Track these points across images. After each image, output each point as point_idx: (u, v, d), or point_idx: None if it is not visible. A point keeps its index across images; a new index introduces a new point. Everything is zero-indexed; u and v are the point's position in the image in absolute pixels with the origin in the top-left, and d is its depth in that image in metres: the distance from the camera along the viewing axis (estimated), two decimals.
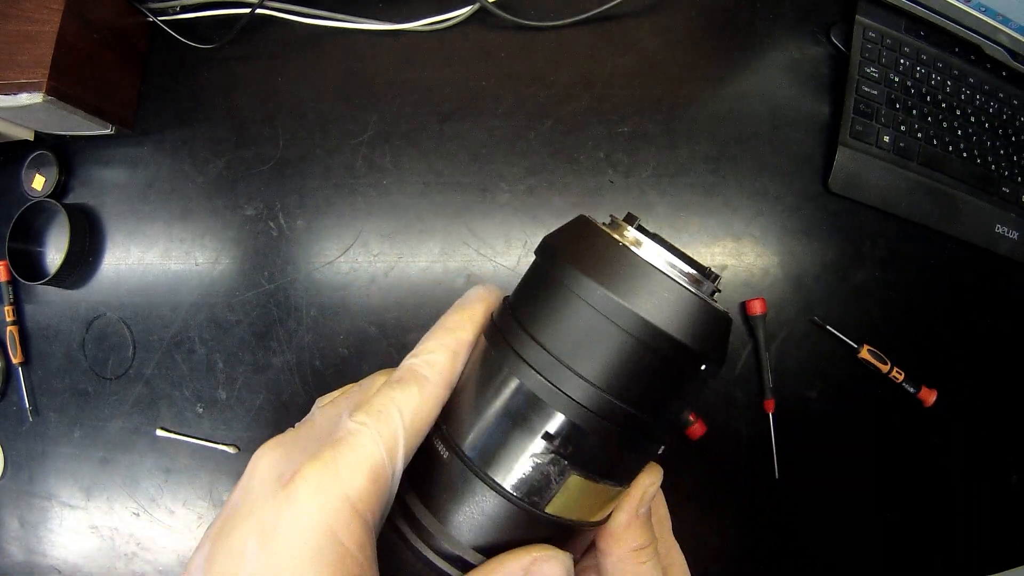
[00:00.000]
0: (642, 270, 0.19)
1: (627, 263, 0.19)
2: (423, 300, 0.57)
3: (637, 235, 0.20)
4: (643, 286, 0.18)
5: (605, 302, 0.18)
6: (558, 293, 0.19)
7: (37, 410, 0.63)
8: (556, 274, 0.19)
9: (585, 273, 0.19)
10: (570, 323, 0.19)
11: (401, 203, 0.59)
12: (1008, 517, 0.56)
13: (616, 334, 0.18)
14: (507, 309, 0.21)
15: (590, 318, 0.18)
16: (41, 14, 0.54)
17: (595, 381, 0.18)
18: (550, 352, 0.19)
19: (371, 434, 0.19)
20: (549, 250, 0.20)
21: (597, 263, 0.19)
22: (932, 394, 0.54)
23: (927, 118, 0.58)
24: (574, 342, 0.19)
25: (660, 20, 0.60)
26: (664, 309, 0.18)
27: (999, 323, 0.57)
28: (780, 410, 0.54)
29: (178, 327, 0.61)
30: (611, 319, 0.18)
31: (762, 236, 0.56)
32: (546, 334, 0.19)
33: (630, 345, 0.18)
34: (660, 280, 0.19)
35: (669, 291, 0.19)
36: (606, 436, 0.19)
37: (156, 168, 0.64)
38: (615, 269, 0.19)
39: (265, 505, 0.18)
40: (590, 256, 0.19)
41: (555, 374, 0.18)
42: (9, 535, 0.63)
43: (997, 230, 0.58)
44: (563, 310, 0.19)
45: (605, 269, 0.19)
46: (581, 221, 0.21)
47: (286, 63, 0.63)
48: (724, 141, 0.57)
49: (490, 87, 0.60)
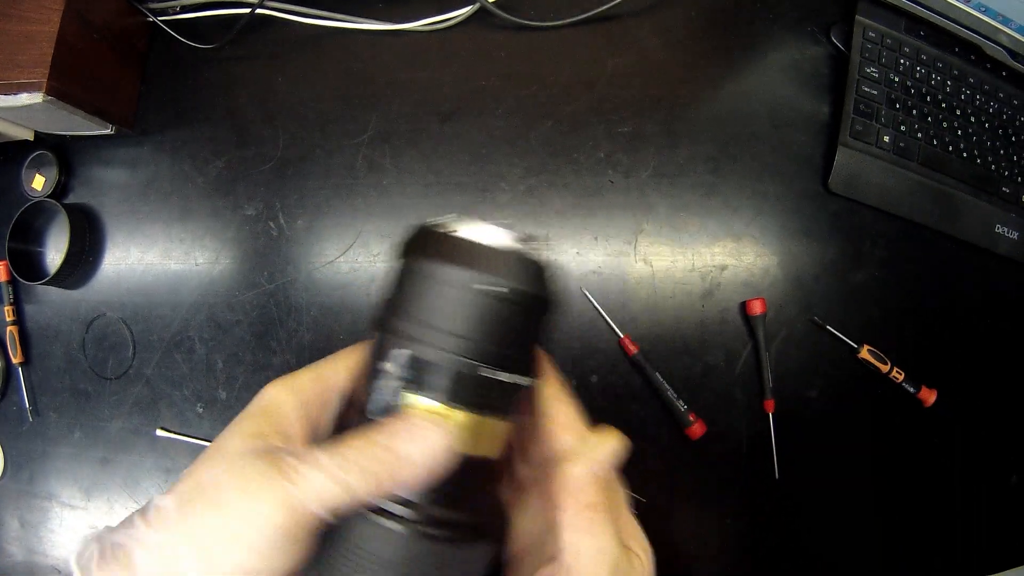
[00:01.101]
0: (450, 239, 0.25)
1: (442, 239, 0.25)
2: None
3: (455, 224, 0.26)
4: (451, 247, 0.25)
5: (428, 265, 0.24)
6: (403, 279, 0.25)
7: (37, 410, 0.63)
8: (401, 267, 0.26)
9: (410, 252, 0.25)
10: (404, 287, 0.25)
11: (401, 203, 0.59)
12: (1008, 517, 0.56)
13: (443, 288, 0.24)
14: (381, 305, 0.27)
15: (421, 280, 0.24)
16: (41, 14, 0.54)
17: (434, 324, 0.23)
18: (396, 313, 0.24)
19: (325, 361, 0.28)
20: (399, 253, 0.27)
21: (420, 245, 0.26)
22: (932, 394, 0.54)
23: (927, 118, 0.58)
24: (412, 301, 0.24)
25: (660, 20, 0.60)
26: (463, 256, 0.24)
27: (999, 323, 0.57)
28: (780, 410, 0.54)
29: (178, 327, 0.61)
30: (436, 278, 0.24)
31: (762, 236, 0.56)
32: (394, 301, 0.25)
33: (455, 292, 0.24)
34: (462, 242, 0.25)
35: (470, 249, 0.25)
36: (448, 364, 0.23)
37: (156, 168, 0.64)
38: (434, 244, 0.25)
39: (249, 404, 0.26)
40: (419, 242, 0.26)
41: (398, 325, 0.24)
42: (9, 535, 0.63)
43: (997, 230, 0.58)
44: (407, 288, 0.25)
45: (427, 247, 0.25)
46: (419, 227, 0.27)
47: (286, 63, 0.63)
48: (724, 141, 0.57)
49: (490, 87, 0.60)
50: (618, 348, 0.55)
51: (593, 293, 0.55)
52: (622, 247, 0.56)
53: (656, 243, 0.56)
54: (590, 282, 0.56)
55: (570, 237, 0.57)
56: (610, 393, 0.55)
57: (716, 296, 0.55)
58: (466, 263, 0.24)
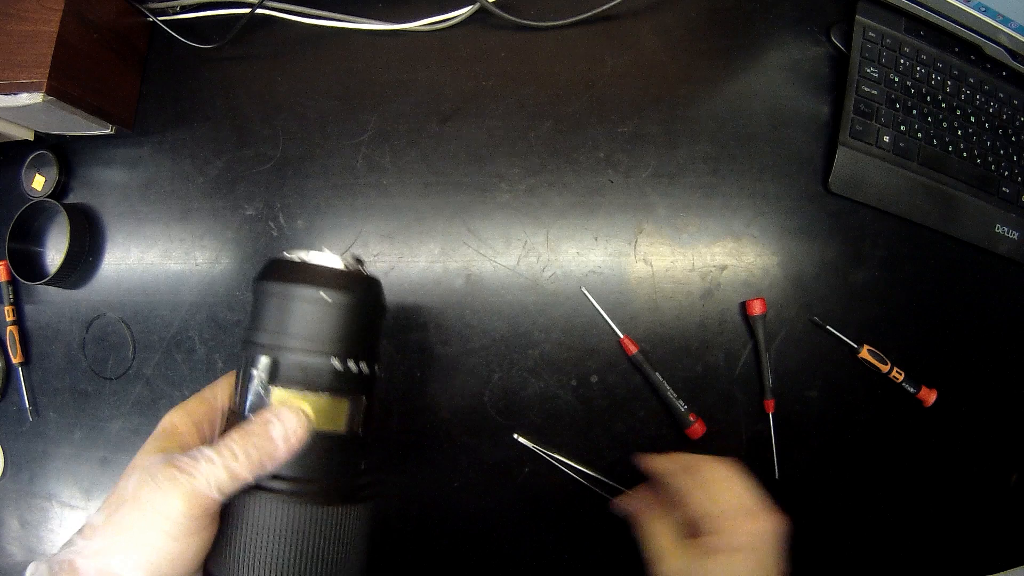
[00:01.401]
0: (286, 264, 0.32)
1: (282, 265, 0.32)
2: (423, 300, 0.57)
3: (300, 252, 0.33)
4: (298, 274, 0.32)
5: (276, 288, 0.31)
6: (258, 300, 0.32)
7: (37, 410, 0.63)
8: (256, 290, 0.33)
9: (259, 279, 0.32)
10: (257, 308, 0.32)
11: (401, 203, 0.59)
12: (1008, 517, 0.56)
13: (284, 302, 0.31)
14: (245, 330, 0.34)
15: (268, 299, 0.32)
16: (41, 14, 0.54)
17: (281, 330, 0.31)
18: (253, 329, 0.32)
19: (208, 387, 0.35)
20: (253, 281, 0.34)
21: (267, 272, 0.33)
22: (932, 394, 0.54)
23: (927, 118, 0.58)
24: (263, 317, 0.31)
25: (660, 20, 0.60)
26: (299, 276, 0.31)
27: (999, 323, 0.57)
28: (780, 410, 0.54)
29: (178, 327, 0.61)
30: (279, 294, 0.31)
31: (762, 236, 0.56)
32: (252, 321, 0.32)
33: (294, 304, 0.31)
34: (295, 264, 0.32)
35: (309, 270, 0.32)
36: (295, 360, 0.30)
37: (156, 168, 0.64)
38: (276, 269, 0.32)
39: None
40: (266, 270, 0.33)
41: (255, 338, 0.31)
42: (9, 535, 0.63)
43: (997, 230, 0.58)
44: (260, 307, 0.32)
45: (271, 272, 0.32)
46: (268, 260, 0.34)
47: (286, 63, 0.63)
48: (724, 141, 0.57)
49: (490, 87, 0.60)
50: (618, 348, 0.55)
51: (593, 293, 0.55)
52: (622, 247, 0.56)
53: (656, 243, 0.56)
54: (590, 282, 0.56)
55: (570, 237, 0.57)
56: (610, 393, 0.55)
57: (716, 296, 0.55)
58: (299, 279, 0.31)
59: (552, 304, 0.56)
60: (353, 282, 0.32)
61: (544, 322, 0.56)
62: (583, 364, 0.55)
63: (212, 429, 0.33)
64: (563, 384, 0.55)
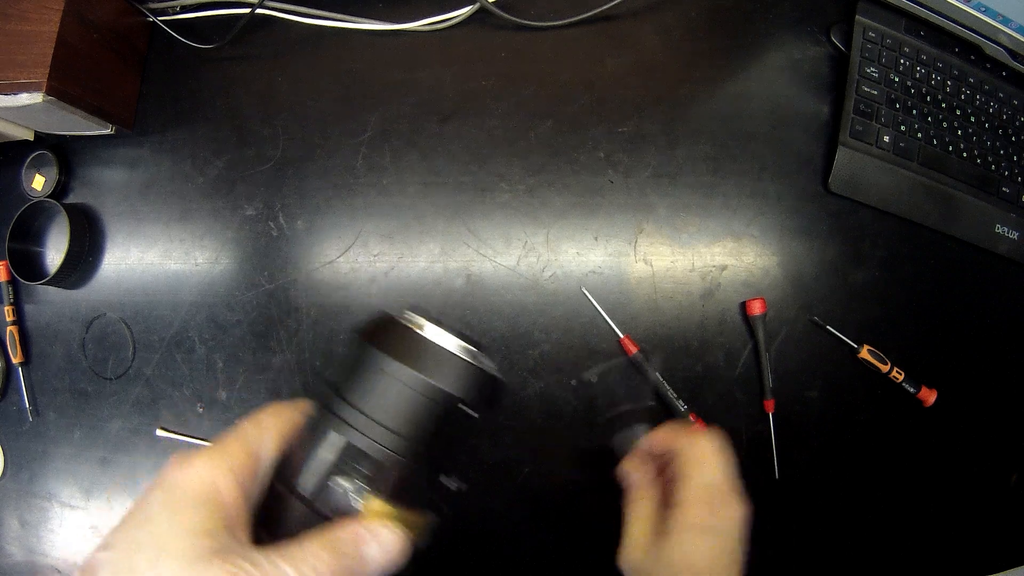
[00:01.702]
0: (422, 344, 0.26)
1: (411, 340, 0.26)
2: (423, 300, 0.57)
3: (421, 320, 0.27)
4: (420, 354, 0.25)
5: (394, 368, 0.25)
6: (362, 369, 0.26)
7: (37, 410, 0.63)
8: (359, 354, 0.26)
9: (378, 347, 0.26)
10: (354, 372, 0.26)
11: (401, 203, 0.59)
12: (1008, 517, 0.56)
13: (404, 390, 0.25)
14: (329, 385, 0.27)
15: (385, 382, 0.25)
16: (41, 14, 0.54)
17: (384, 423, 0.24)
18: (361, 411, 0.25)
19: (251, 428, 0.26)
20: (357, 337, 0.28)
21: (382, 340, 0.26)
22: (932, 394, 0.54)
23: (927, 118, 0.58)
24: (376, 401, 0.25)
25: (660, 20, 0.60)
26: (437, 369, 0.25)
27: (999, 323, 0.57)
28: (780, 410, 0.54)
29: (178, 327, 0.61)
30: (400, 379, 0.25)
31: (762, 236, 0.56)
32: (358, 399, 0.25)
33: (412, 396, 0.25)
34: (435, 350, 0.26)
35: (440, 357, 0.25)
36: (392, 463, 0.24)
37: (156, 168, 0.64)
38: (399, 344, 0.26)
39: (169, 474, 0.24)
40: (376, 335, 0.26)
41: (352, 419, 0.25)
42: (9, 535, 0.63)
43: (997, 230, 0.58)
44: (367, 381, 0.25)
45: (390, 344, 0.26)
46: (380, 314, 0.28)
47: (286, 63, 0.63)
48: (724, 141, 0.57)
49: (490, 87, 0.60)
50: (618, 348, 0.55)
51: (593, 293, 0.55)
52: (622, 247, 0.56)
53: (656, 243, 0.56)
54: (590, 282, 0.56)
55: (570, 237, 0.57)
56: (610, 393, 0.55)
57: (716, 296, 0.55)
58: (418, 364, 0.25)
59: (552, 304, 0.56)
60: (497, 394, 0.27)
61: (544, 322, 0.56)
62: (583, 364, 0.55)
63: (256, 490, 0.26)
64: (563, 384, 0.55)
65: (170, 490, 0.23)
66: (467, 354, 0.26)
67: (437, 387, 0.25)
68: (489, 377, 0.26)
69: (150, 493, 0.24)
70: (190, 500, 0.23)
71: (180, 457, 0.25)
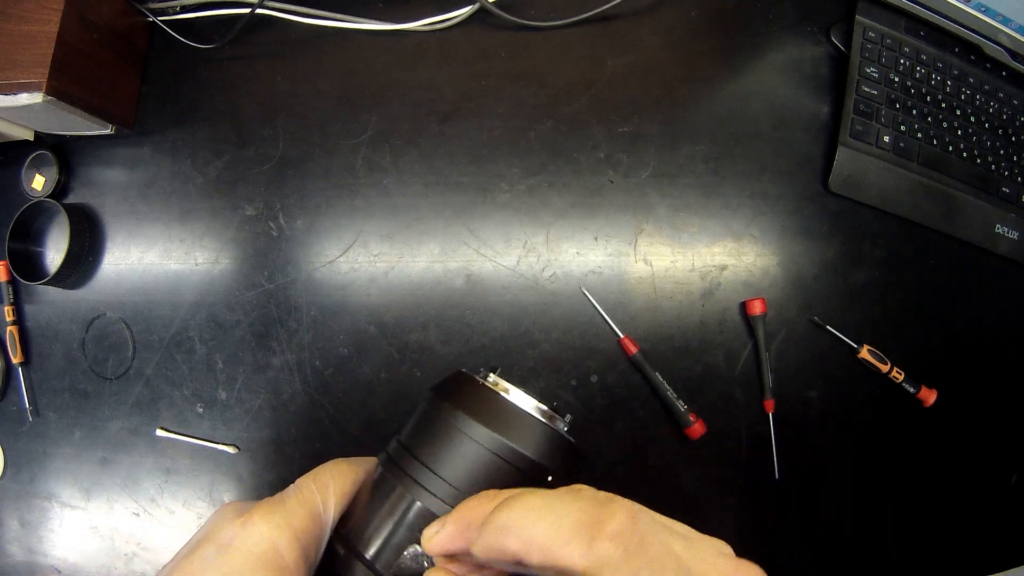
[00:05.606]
0: (507, 409, 0.25)
1: (495, 404, 0.25)
2: (423, 300, 0.57)
3: (505, 384, 0.26)
4: (506, 419, 0.25)
5: (478, 433, 0.24)
6: (442, 430, 0.25)
7: (37, 410, 0.63)
8: (439, 414, 0.25)
9: (460, 409, 0.25)
10: (451, 451, 0.24)
11: (401, 203, 0.59)
12: (1008, 517, 0.56)
13: (487, 456, 0.24)
14: (399, 444, 0.26)
15: (467, 446, 0.24)
16: (41, 14, 0.54)
17: (461, 487, 0.23)
18: (436, 473, 0.24)
19: (312, 487, 0.25)
20: (435, 396, 0.27)
21: (465, 401, 0.25)
22: (932, 394, 0.54)
23: (927, 118, 0.58)
24: (453, 465, 0.24)
25: (660, 20, 0.60)
26: (523, 436, 0.24)
27: (999, 323, 0.57)
28: (780, 410, 0.54)
29: (178, 327, 0.61)
30: (483, 445, 0.24)
31: (762, 236, 0.56)
32: (433, 461, 0.24)
33: (495, 462, 0.24)
34: (521, 415, 0.25)
35: (528, 424, 0.25)
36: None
37: (156, 168, 0.64)
38: (482, 406, 0.25)
39: (224, 529, 0.22)
40: (458, 396, 0.25)
41: (438, 489, 0.24)
42: (9, 535, 0.63)
43: (997, 230, 0.58)
44: (447, 443, 0.24)
45: (472, 406, 0.25)
46: (460, 374, 0.27)
47: (286, 63, 0.63)
48: (724, 141, 0.57)
49: (490, 87, 0.60)
50: (618, 348, 0.55)
51: (593, 293, 0.55)
52: (622, 247, 0.56)
53: (656, 243, 0.56)
54: (590, 282, 0.56)
55: (570, 237, 0.57)
56: (610, 393, 0.55)
57: (716, 296, 0.55)
58: (504, 429, 0.24)
59: (552, 304, 0.56)
60: (578, 464, 0.26)
61: (544, 322, 0.56)
62: (583, 364, 0.55)
63: (316, 553, 0.25)
64: (563, 384, 0.55)
65: (227, 550, 0.22)
66: (551, 420, 0.26)
67: (523, 454, 0.24)
68: (571, 446, 0.26)
69: (202, 548, 0.22)
70: (251, 565, 0.21)
71: (235, 509, 0.23)
